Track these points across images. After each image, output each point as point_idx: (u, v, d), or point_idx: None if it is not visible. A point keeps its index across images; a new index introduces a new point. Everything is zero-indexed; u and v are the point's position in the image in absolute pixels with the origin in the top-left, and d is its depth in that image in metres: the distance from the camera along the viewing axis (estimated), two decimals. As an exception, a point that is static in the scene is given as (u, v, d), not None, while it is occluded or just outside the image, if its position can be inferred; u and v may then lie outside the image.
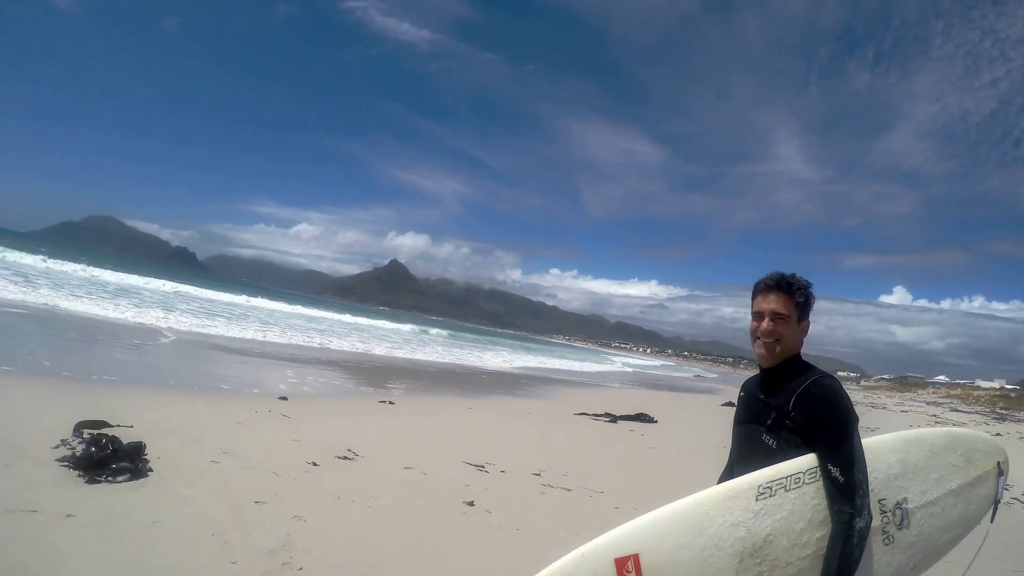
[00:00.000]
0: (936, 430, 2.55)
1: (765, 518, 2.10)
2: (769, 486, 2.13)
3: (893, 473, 2.34)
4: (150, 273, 49.34)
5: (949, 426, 2.61)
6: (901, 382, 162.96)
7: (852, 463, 2.09)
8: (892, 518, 2.29)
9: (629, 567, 1.96)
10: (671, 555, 2.01)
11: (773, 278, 2.35)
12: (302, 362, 16.57)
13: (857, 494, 2.07)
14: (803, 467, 2.14)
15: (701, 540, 2.04)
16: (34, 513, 4.16)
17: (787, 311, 2.31)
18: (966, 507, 2.47)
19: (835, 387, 2.21)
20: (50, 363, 9.28)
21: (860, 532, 2.03)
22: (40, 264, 31.25)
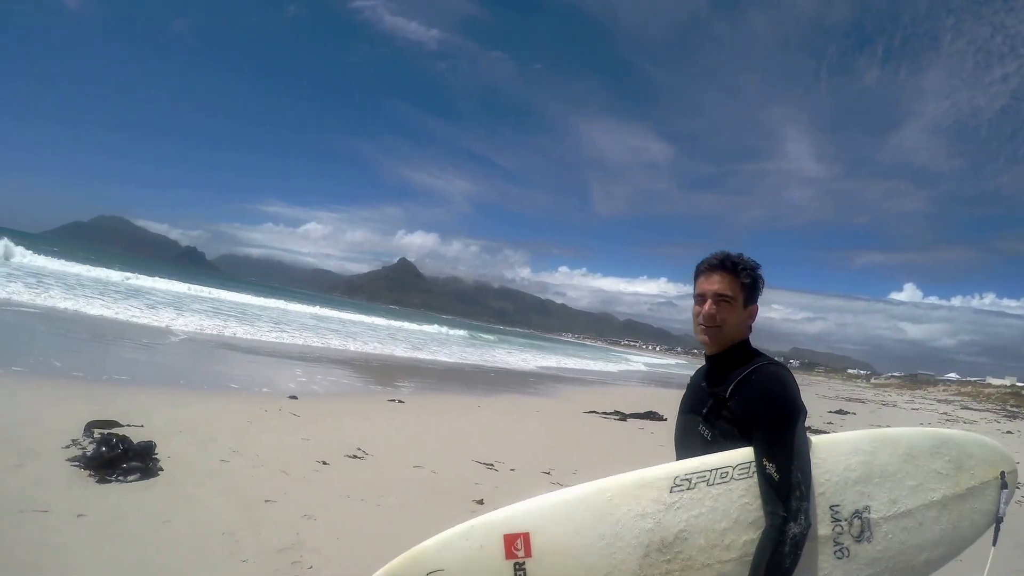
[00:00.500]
0: (918, 430, 2.24)
1: (679, 512, 1.89)
2: (688, 478, 1.92)
3: (853, 476, 2.02)
4: (159, 273, 49.55)
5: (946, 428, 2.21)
6: (911, 380, 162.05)
7: (790, 460, 1.85)
8: (848, 528, 1.98)
9: (518, 545, 1.84)
10: (565, 539, 1.85)
11: (717, 257, 2.14)
12: (311, 361, 16.60)
13: (793, 495, 1.82)
14: (733, 461, 1.92)
15: (601, 527, 1.86)
16: (45, 513, 4.18)
17: (732, 293, 2.09)
18: (954, 523, 2.13)
19: (780, 375, 1.99)
20: (61, 363, 9.32)
21: (794, 539, 1.79)
22: (50, 265, 31.34)
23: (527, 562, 1.83)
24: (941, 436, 2.22)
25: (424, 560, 1.87)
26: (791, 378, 2.01)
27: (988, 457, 2.22)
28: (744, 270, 2.11)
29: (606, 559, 1.84)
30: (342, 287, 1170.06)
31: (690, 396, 2.26)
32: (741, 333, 2.14)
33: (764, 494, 1.88)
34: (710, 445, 2.03)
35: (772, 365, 2.03)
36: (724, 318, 2.09)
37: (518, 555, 1.84)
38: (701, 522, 1.89)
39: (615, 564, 1.84)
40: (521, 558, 1.83)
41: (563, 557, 1.84)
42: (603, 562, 1.84)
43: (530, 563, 1.83)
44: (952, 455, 2.17)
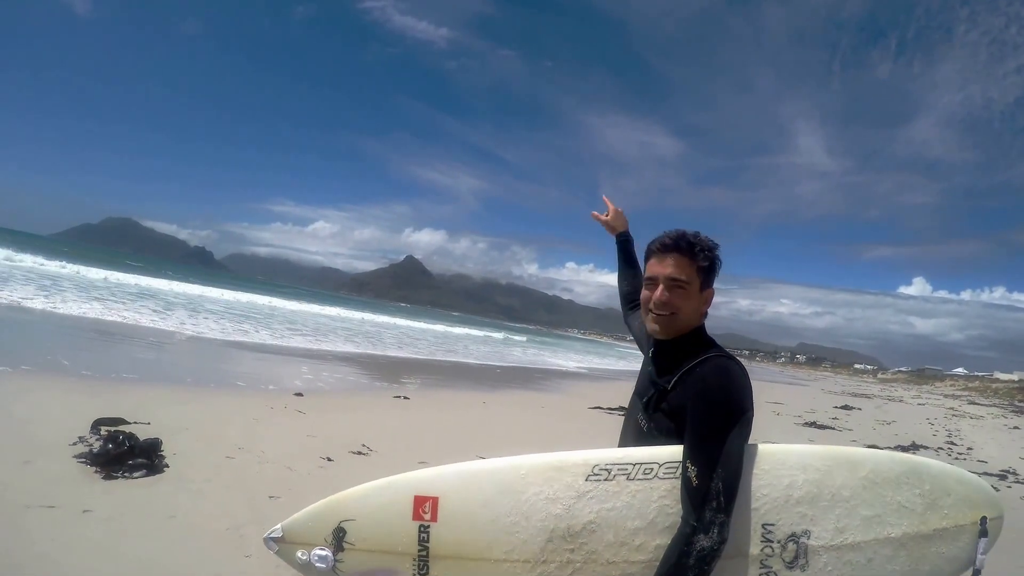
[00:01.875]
0: (888, 453, 1.95)
1: (591, 503, 1.78)
2: (607, 468, 1.80)
3: (796, 495, 1.79)
4: (168, 273, 49.77)
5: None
6: (919, 374, 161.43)
7: (714, 466, 1.63)
8: (779, 551, 1.76)
9: (427, 508, 1.84)
10: (473, 510, 1.83)
11: (671, 236, 1.87)
12: (317, 358, 16.63)
13: (708, 505, 1.62)
14: (661, 458, 1.78)
15: (509, 503, 1.82)
16: (52, 509, 4.21)
17: (686, 277, 1.85)
18: (912, 565, 1.83)
19: (729, 369, 1.78)
20: (68, 362, 9.37)
21: (700, 552, 1.59)
22: (61, 269, 31.39)
23: (432, 526, 1.83)
24: (914, 464, 1.93)
25: (341, 508, 1.89)
26: (742, 374, 1.81)
27: (969, 497, 1.92)
28: (701, 251, 1.86)
29: (509, 536, 1.80)
30: (349, 285, 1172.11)
31: (640, 378, 2.06)
32: (695, 320, 1.91)
33: (681, 497, 1.70)
34: (644, 437, 1.90)
35: (722, 358, 1.82)
36: (678, 305, 1.85)
37: (425, 517, 1.84)
38: (613, 516, 1.77)
39: (517, 543, 1.80)
40: (427, 521, 1.84)
41: (468, 527, 1.83)
42: (506, 539, 1.80)
43: (435, 527, 1.83)
44: (925, 489, 1.88)
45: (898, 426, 19.92)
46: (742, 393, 1.75)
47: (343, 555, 1.87)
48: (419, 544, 1.83)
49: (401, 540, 1.85)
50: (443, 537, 1.83)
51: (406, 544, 1.84)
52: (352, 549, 1.87)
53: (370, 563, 1.87)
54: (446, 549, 1.83)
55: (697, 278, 1.87)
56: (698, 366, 1.79)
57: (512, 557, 1.80)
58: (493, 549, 1.81)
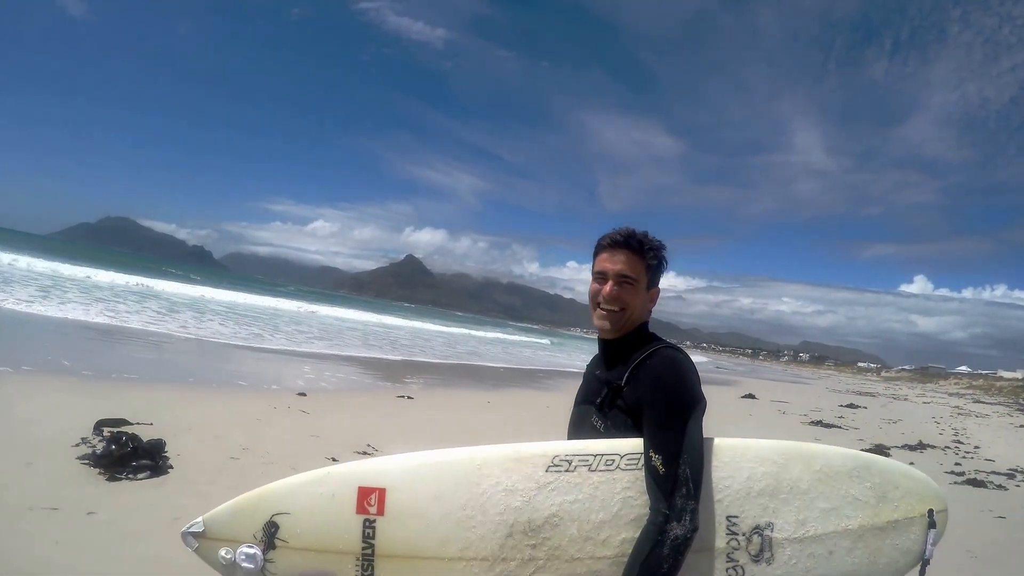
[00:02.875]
0: (838, 449, 1.99)
1: (553, 495, 1.69)
2: (568, 459, 1.71)
3: (757, 488, 1.79)
4: (166, 273, 49.75)
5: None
6: (922, 373, 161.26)
7: (679, 453, 1.64)
8: (745, 544, 1.75)
9: (372, 500, 1.67)
10: (423, 503, 1.68)
11: (622, 234, 1.89)
12: (319, 358, 16.60)
13: (678, 492, 1.62)
14: (622, 449, 1.72)
15: (464, 496, 1.68)
16: (55, 510, 4.17)
17: (635, 275, 1.88)
18: (870, 558, 1.86)
19: (679, 360, 1.80)
20: (70, 362, 9.34)
21: (674, 541, 1.58)
22: (59, 269, 31.24)
23: (378, 520, 1.67)
24: (864, 460, 1.97)
25: (272, 501, 1.71)
26: (689, 364, 1.83)
27: (916, 491, 1.98)
28: (651, 250, 1.90)
29: (465, 532, 1.67)
30: (349, 284, 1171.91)
31: (585, 386, 2.06)
32: (642, 317, 1.94)
33: (648, 488, 1.68)
34: (603, 434, 1.85)
35: (670, 349, 1.84)
36: (627, 301, 1.88)
37: (370, 511, 1.68)
38: (576, 509, 1.69)
39: (474, 539, 1.66)
40: (373, 515, 1.68)
41: (418, 522, 1.67)
42: (461, 535, 1.67)
43: (381, 522, 1.67)
44: (875, 482, 1.92)
45: (904, 425, 19.84)
46: (693, 382, 1.78)
47: (274, 554, 1.68)
48: (363, 541, 1.67)
49: (343, 537, 1.67)
50: (390, 533, 1.67)
51: (348, 541, 1.67)
52: (285, 547, 1.68)
53: (306, 563, 1.68)
54: (394, 547, 1.67)
55: (645, 276, 1.91)
56: (647, 359, 1.80)
57: (468, 555, 1.66)
58: (447, 546, 1.67)
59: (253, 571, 1.69)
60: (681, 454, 1.64)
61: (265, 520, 1.69)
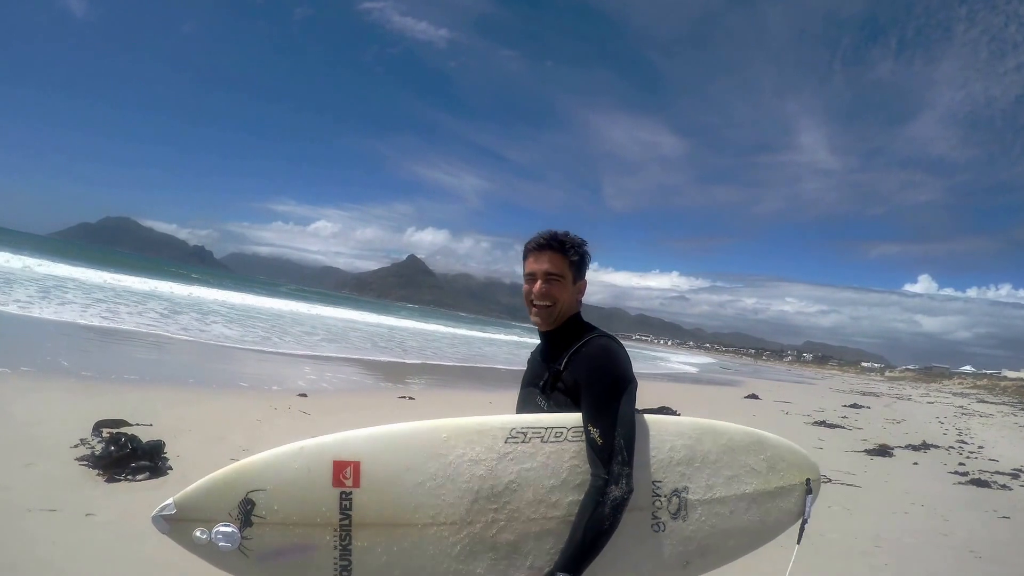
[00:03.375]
0: (740, 427, 2.34)
1: (511, 463, 1.89)
2: (524, 431, 1.94)
3: (677, 457, 2.12)
4: (164, 273, 49.70)
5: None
6: (926, 372, 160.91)
7: (614, 426, 1.91)
8: (666, 504, 2.08)
9: (348, 473, 1.74)
10: (396, 473, 1.78)
11: (544, 236, 2.15)
12: (320, 359, 16.59)
13: (615, 460, 1.88)
14: (568, 422, 1.97)
15: (433, 467, 1.82)
16: (54, 512, 4.15)
17: (560, 271, 2.13)
18: (762, 516, 2.28)
19: (609, 346, 2.06)
20: (68, 363, 9.32)
21: (614, 501, 1.85)
22: (58, 270, 31.14)
23: (354, 492, 1.74)
24: (759, 436, 2.36)
25: (248, 477, 1.74)
26: (621, 350, 2.08)
27: (797, 463, 2.40)
28: (571, 248, 2.15)
29: (435, 499, 1.80)
30: (350, 284, 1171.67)
31: (529, 371, 2.31)
32: (572, 309, 2.19)
33: (589, 457, 1.93)
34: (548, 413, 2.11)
35: (603, 337, 2.10)
36: (556, 296, 2.13)
37: (346, 483, 1.74)
38: (531, 476, 1.91)
39: (443, 505, 1.81)
40: (349, 487, 1.74)
41: (392, 491, 1.78)
42: (432, 501, 1.80)
43: (357, 493, 1.74)
44: (767, 455, 2.32)
45: (908, 425, 19.79)
46: (626, 365, 2.04)
47: (252, 531, 1.70)
48: (341, 512, 1.73)
49: (320, 510, 1.72)
50: (367, 504, 1.75)
51: (326, 514, 1.72)
52: (263, 523, 1.70)
53: (284, 538, 1.71)
54: (370, 516, 1.75)
55: (570, 272, 2.16)
56: (583, 347, 2.06)
57: (439, 520, 1.80)
58: (419, 513, 1.79)
59: (230, 549, 1.69)
60: (616, 427, 1.92)
61: (240, 497, 1.71)
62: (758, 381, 44.67)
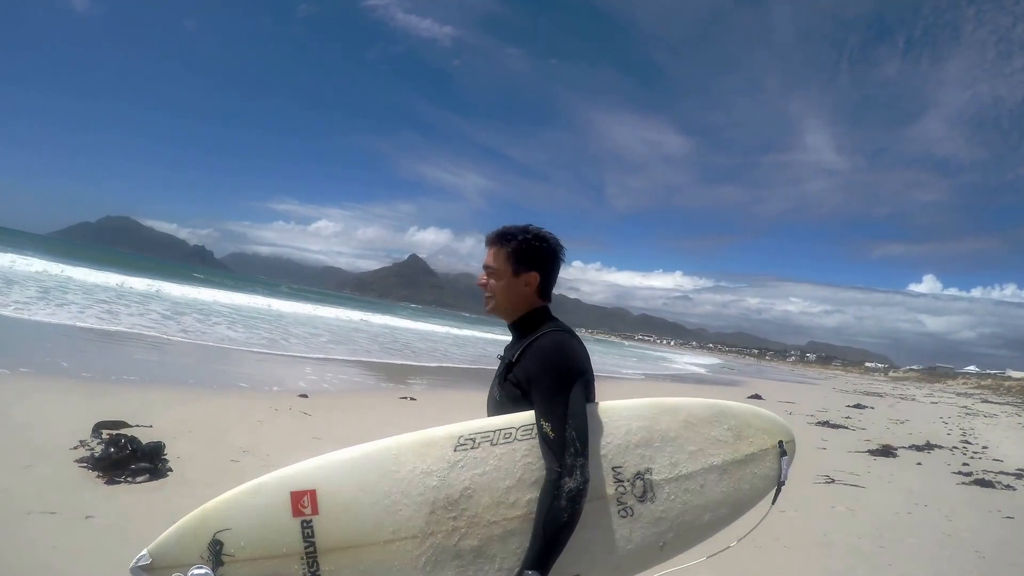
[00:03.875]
0: (697, 400, 2.32)
1: (463, 471, 1.92)
2: (472, 438, 1.97)
3: (634, 440, 2.11)
4: (165, 273, 49.64)
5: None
6: (930, 373, 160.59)
7: (564, 419, 1.91)
8: (630, 488, 2.07)
9: (305, 502, 1.82)
10: (352, 495, 1.85)
11: (493, 231, 2.22)
12: (321, 360, 16.58)
13: (567, 452, 1.88)
14: (516, 422, 1.99)
15: (386, 485, 1.87)
16: (53, 515, 4.14)
17: (496, 264, 2.18)
18: (736, 486, 2.23)
19: (561, 340, 2.07)
20: (68, 364, 9.32)
21: (570, 493, 1.84)
22: (57, 270, 31.00)
23: (315, 520, 1.82)
24: (720, 406, 2.31)
25: (213, 519, 1.83)
26: (574, 344, 2.09)
27: (766, 427, 2.33)
28: (509, 240, 2.17)
29: (393, 515, 1.86)
30: (351, 284, 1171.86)
31: (499, 362, 2.33)
32: (515, 301, 2.20)
33: (542, 452, 1.94)
34: (500, 405, 2.13)
35: (556, 332, 2.10)
36: (493, 287, 2.19)
37: (305, 512, 1.82)
38: (485, 480, 1.93)
39: (402, 520, 1.86)
40: (308, 515, 1.82)
41: (350, 514, 1.84)
42: (390, 518, 1.85)
43: (317, 520, 1.82)
44: (731, 424, 2.27)
45: (911, 425, 19.73)
46: (576, 358, 2.05)
47: (224, 569, 1.79)
48: (304, 540, 1.81)
49: (285, 541, 1.80)
50: (328, 529, 1.82)
51: (290, 544, 1.80)
52: (232, 561, 1.79)
53: (255, 572, 1.80)
54: (333, 540, 1.82)
55: (507, 264, 2.17)
56: (535, 340, 2.08)
57: (400, 535, 1.85)
58: (380, 531, 1.85)
59: None
60: (567, 419, 1.91)
61: (208, 539, 1.80)
62: (761, 381, 44.62)
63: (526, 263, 2.17)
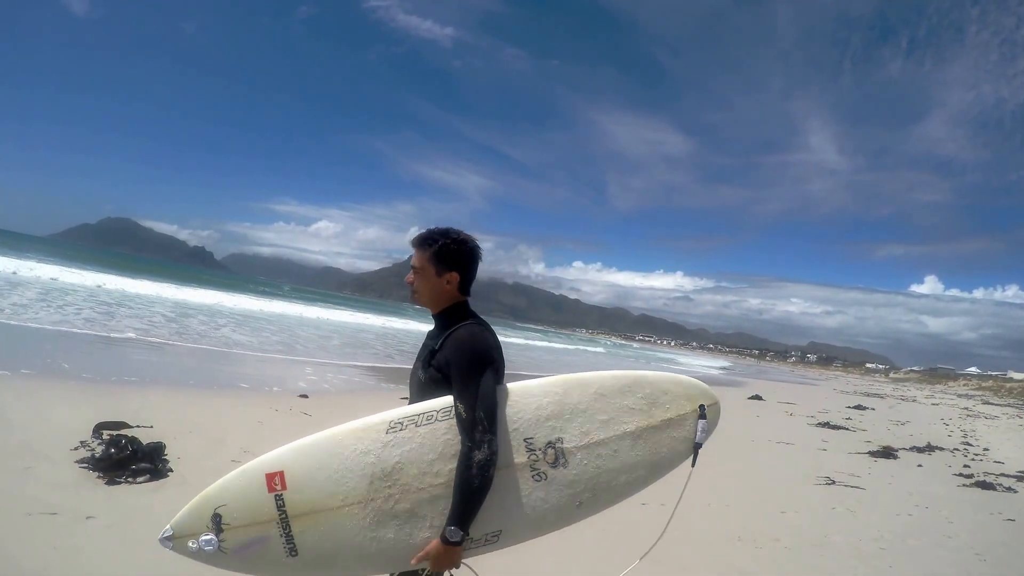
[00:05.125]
0: (609, 372, 2.59)
1: (394, 449, 2.35)
2: (400, 422, 2.38)
3: (544, 414, 2.43)
4: (164, 275, 49.51)
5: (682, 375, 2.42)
6: (931, 374, 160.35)
7: (475, 400, 2.24)
8: (543, 456, 2.41)
9: (276, 481, 2.30)
10: (311, 473, 2.32)
11: (418, 235, 2.51)
12: (322, 360, 16.57)
13: (476, 429, 2.22)
14: (438, 406, 2.37)
15: (335, 463, 2.34)
16: (54, 515, 4.14)
17: (420, 264, 2.47)
18: (652, 450, 2.51)
19: (475, 332, 2.38)
20: (69, 365, 9.32)
21: (479, 463, 2.20)
22: (57, 271, 30.91)
23: (284, 494, 2.30)
24: (633, 377, 2.57)
25: (211, 499, 2.31)
26: (487, 336, 2.41)
27: (684, 394, 2.57)
28: (429, 243, 2.45)
29: (342, 486, 2.32)
30: (351, 284, 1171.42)
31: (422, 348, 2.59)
32: (444, 296, 2.49)
33: (458, 428, 2.29)
34: (424, 387, 2.46)
35: (472, 324, 2.41)
36: (417, 285, 2.50)
37: (277, 489, 2.30)
38: (413, 455, 2.34)
39: (348, 490, 2.32)
40: (280, 491, 2.30)
41: (311, 487, 2.32)
42: (340, 489, 2.32)
43: (287, 495, 2.30)
44: (646, 392, 2.53)
45: (912, 426, 19.71)
46: (487, 348, 2.36)
47: (223, 535, 2.29)
48: (278, 510, 2.30)
49: (264, 511, 2.30)
50: (295, 500, 2.31)
51: (268, 513, 2.30)
52: (229, 528, 2.29)
53: (246, 536, 2.30)
54: (300, 508, 2.31)
55: (430, 265, 2.45)
56: (454, 332, 2.38)
57: (348, 501, 2.32)
58: (333, 499, 2.32)
59: (213, 551, 2.29)
60: (477, 401, 2.24)
61: (211, 513, 2.31)
62: (761, 382, 44.56)
63: (447, 264, 2.45)
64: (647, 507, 6.40)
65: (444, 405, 2.36)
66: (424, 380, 2.46)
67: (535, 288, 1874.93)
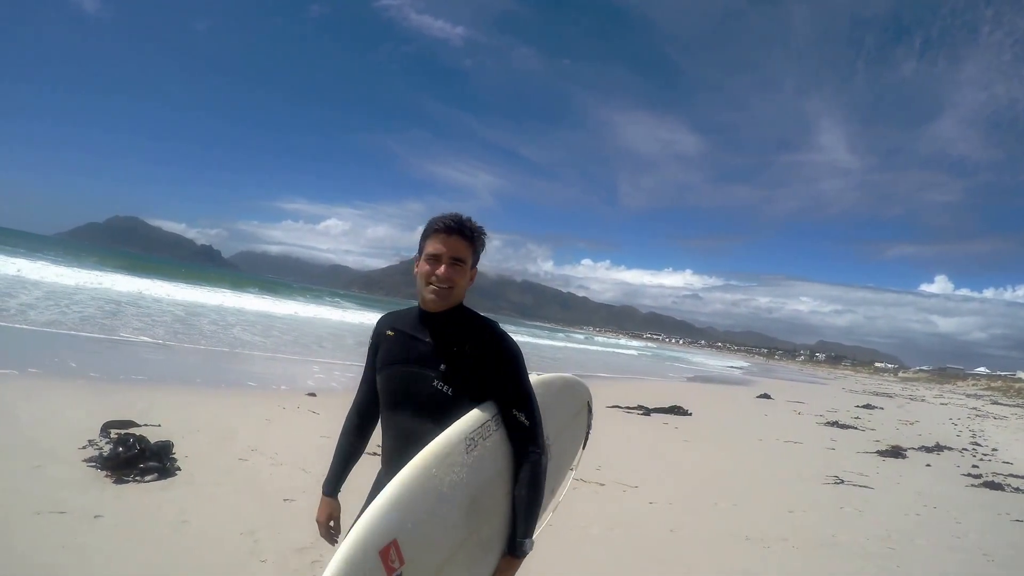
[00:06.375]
0: (558, 375, 2.83)
1: (477, 473, 2.06)
2: (472, 438, 2.07)
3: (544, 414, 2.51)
4: (172, 274, 49.62)
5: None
6: (940, 374, 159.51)
7: (534, 407, 2.17)
8: None
9: (392, 557, 1.82)
10: (422, 530, 1.91)
11: (455, 220, 2.19)
12: (329, 359, 16.59)
13: (540, 435, 2.17)
14: (488, 416, 2.13)
15: (443, 508, 1.97)
16: (62, 514, 4.15)
17: (464, 257, 2.19)
18: (575, 432, 2.94)
19: (507, 334, 2.23)
20: (76, 364, 9.36)
21: (545, 468, 2.17)
22: (64, 271, 30.92)
23: (403, 570, 1.84)
24: (564, 378, 2.89)
25: None
26: None
27: (582, 392, 3.01)
28: (478, 237, 2.23)
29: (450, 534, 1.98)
30: (359, 282, 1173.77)
31: (404, 348, 2.24)
32: (463, 295, 2.26)
33: (516, 438, 2.14)
34: (452, 400, 2.12)
35: (496, 324, 2.22)
36: (456, 280, 2.17)
37: (395, 567, 1.82)
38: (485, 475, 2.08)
39: (454, 535, 1.99)
40: (397, 567, 1.83)
41: (426, 550, 1.91)
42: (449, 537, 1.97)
43: (406, 569, 1.85)
44: (571, 390, 2.92)
45: (921, 426, 19.61)
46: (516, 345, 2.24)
47: None
48: None
49: None
50: (415, 572, 1.88)
51: None
52: None
53: None
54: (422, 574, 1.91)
55: (471, 258, 2.23)
56: (486, 333, 2.17)
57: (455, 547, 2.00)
58: (444, 550, 1.97)
59: None
60: (535, 406, 2.18)
61: None
62: (770, 381, 44.45)
63: (477, 261, 2.29)
64: (654, 505, 6.42)
65: (493, 413, 2.14)
66: (453, 393, 2.13)
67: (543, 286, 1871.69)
